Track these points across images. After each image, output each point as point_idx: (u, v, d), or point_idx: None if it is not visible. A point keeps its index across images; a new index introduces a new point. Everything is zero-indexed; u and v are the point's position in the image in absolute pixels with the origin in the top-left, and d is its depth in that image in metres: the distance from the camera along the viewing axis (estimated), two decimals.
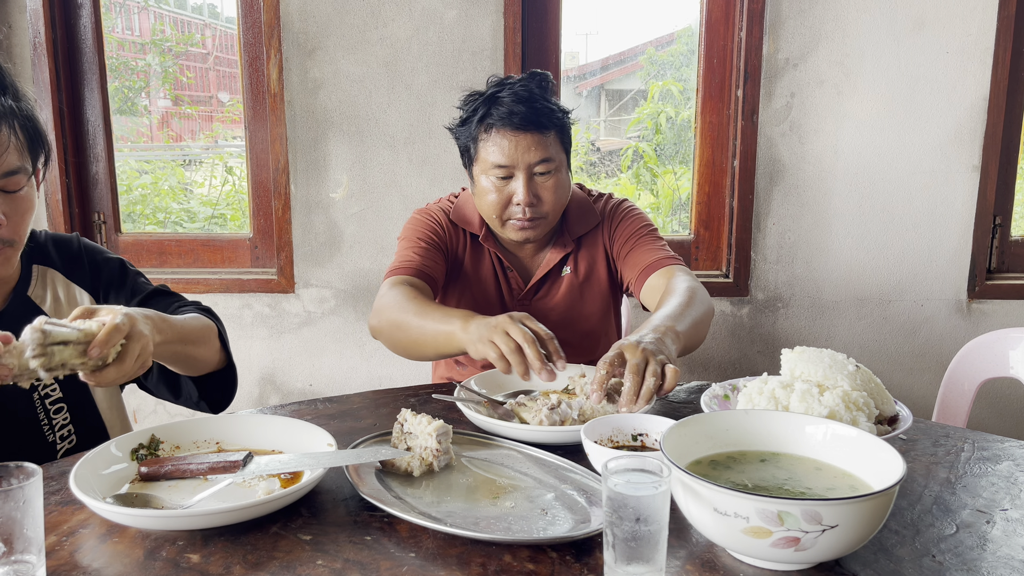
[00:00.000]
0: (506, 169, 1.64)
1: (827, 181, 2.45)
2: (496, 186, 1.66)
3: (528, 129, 1.62)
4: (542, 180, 1.66)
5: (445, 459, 1.13)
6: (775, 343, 2.54)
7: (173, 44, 2.76)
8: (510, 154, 1.63)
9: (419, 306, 1.53)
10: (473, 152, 1.69)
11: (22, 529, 0.83)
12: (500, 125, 1.63)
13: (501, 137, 1.63)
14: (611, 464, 0.86)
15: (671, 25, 2.76)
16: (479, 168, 1.69)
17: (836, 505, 0.82)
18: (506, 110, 1.62)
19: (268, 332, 2.54)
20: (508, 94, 1.63)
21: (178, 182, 2.98)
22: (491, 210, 1.69)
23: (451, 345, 1.45)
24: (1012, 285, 2.51)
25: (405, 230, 1.81)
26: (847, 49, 2.37)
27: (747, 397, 1.19)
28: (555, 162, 1.66)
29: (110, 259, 1.44)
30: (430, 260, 1.71)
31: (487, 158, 1.65)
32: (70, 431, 1.34)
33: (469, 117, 1.68)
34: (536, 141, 1.63)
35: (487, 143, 1.65)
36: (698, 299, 1.55)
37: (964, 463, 1.20)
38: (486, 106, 1.65)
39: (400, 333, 1.55)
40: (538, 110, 1.63)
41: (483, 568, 0.90)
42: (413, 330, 1.52)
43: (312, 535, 0.98)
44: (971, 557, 0.93)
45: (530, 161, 1.63)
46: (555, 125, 1.66)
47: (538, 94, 1.65)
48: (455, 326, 1.43)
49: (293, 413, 1.39)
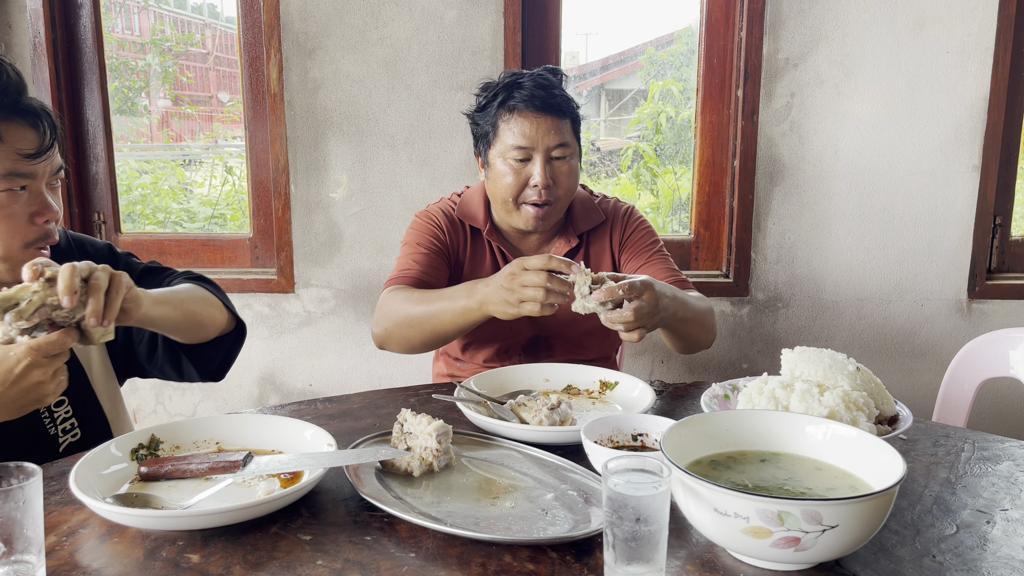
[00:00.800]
0: (525, 151, 1.69)
1: (827, 181, 2.45)
2: (513, 168, 1.70)
3: (549, 112, 1.69)
4: (558, 164, 1.71)
5: (445, 459, 1.13)
6: (775, 343, 2.54)
7: (173, 44, 2.76)
8: (530, 135, 1.68)
9: (421, 296, 1.60)
10: (492, 136, 1.73)
11: (22, 529, 0.83)
12: (523, 107, 1.69)
13: (523, 119, 1.69)
14: (611, 464, 0.86)
15: (671, 25, 2.76)
16: (497, 151, 1.72)
17: (836, 505, 0.82)
18: (528, 92, 1.69)
19: (268, 332, 2.54)
20: (528, 79, 1.71)
21: (178, 182, 2.98)
22: (507, 192, 1.72)
23: (473, 317, 1.52)
24: (1012, 285, 2.51)
25: (407, 235, 1.83)
26: (847, 49, 2.37)
27: (747, 397, 1.19)
28: (570, 148, 1.72)
29: (98, 245, 1.46)
30: (430, 267, 1.73)
31: (507, 140, 1.70)
32: (73, 424, 1.34)
33: (489, 102, 1.74)
34: (555, 125, 1.69)
35: (508, 124, 1.70)
36: (705, 317, 1.66)
37: (964, 463, 1.20)
38: (507, 90, 1.71)
39: (412, 329, 1.60)
40: (556, 96, 1.70)
41: (483, 568, 0.90)
42: (426, 320, 1.58)
43: (312, 535, 0.98)
44: (971, 557, 0.93)
45: (549, 144, 1.69)
46: (570, 114, 1.74)
47: (555, 82, 1.73)
48: (470, 300, 1.50)
49: (293, 413, 1.39)
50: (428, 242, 1.77)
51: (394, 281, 1.70)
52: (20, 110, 1.19)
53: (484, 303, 1.47)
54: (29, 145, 1.19)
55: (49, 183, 1.25)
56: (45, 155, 1.21)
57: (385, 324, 1.63)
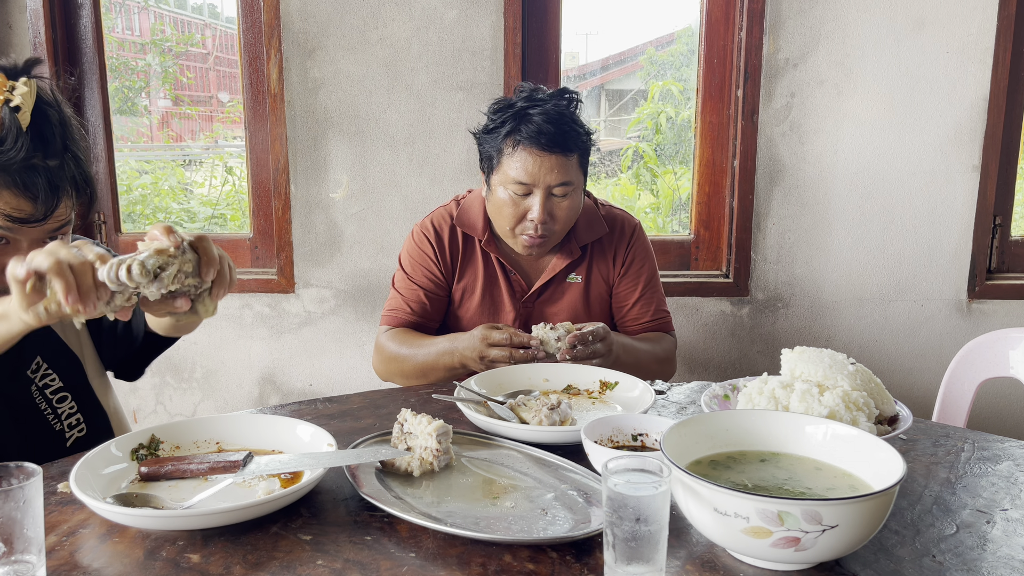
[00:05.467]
0: (526, 187, 1.67)
1: (827, 181, 2.45)
2: (513, 200, 1.69)
3: (554, 151, 1.64)
4: (558, 200, 1.69)
5: (445, 459, 1.13)
6: (775, 343, 2.54)
7: (173, 44, 2.76)
8: (532, 173, 1.65)
9: (411, 342, 1.75)
10: (496, 162, 1.71)
11: (22, 529, 0.83)
12: (527, 143, 1.65)
13: (527, 155, 1.65)
14: (611, 464, 0.86)
15: (671, 25, 2.76)
16: (499, 179, 1.70)
17: (836, 505, 0.82)
18: (535, 128, 1.64)
19: (268, 332, 2.54)
20: (539, 112, 1.65)
21: (178, 182, 2.98)
22: (504, 223, 1.72)
23: (456, 365, 1.66)
24: (1012, 285, 2.51)
25: (403, 255, 1.87)
26: (847, 49, 2.37)
27: (747, 397, 1.19)
28: (573, 184, 1.69)
29: None
30: (419, 305, 1.80)
31: (509, 172, 1.67)
32: (79, 419, 1.34)
33: (497, 128, 1.69)
34: (559, 163, 1.65)
35: (512, 158, 1.67)
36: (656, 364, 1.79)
37: (964, 463, 1.20)
38: (515, 121, 1.66)
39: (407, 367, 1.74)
40: (566, 132, 1.65)
41: (483, 568, 0.90)
42: (417, 363, 1.72)
43: (312, 535, 0.98)
44: (971, 557, 0.93)
45: (551, 182, 1.66)
46: (579, 148, 1.69)
47: (568, 115, 1.67)
48: (451, 356, 1.66)
49: (293, 413, 1.39)
50: (421, 274, 1.82)
51: (387, 320, 1.82)
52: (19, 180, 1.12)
53: (462, 359, 1.64)
54: (19, 212, 1.13)
55: (50, 237, 1.20)
56: (36, 224, 1.15)
57: (386, 366, 1.78)
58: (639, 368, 1.63)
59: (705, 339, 2.56)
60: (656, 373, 1.74)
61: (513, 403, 1.35)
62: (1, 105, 1.11)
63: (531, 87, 1.73)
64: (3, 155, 1.11)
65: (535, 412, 1.29)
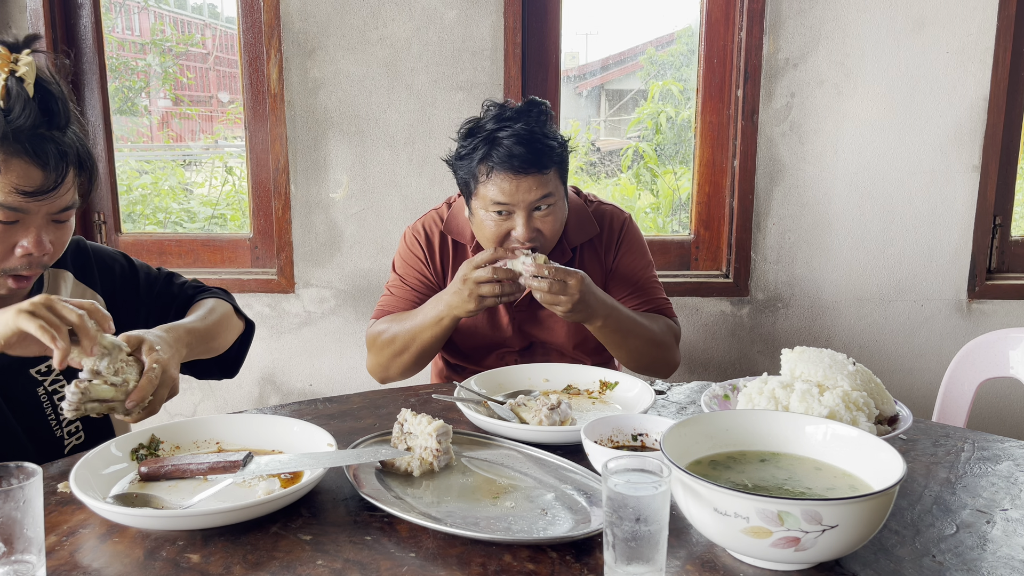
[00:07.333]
0: (506, 207, 1.63)
1: (827, 181, 2.45)
2: (495, 220, 1.65)
3: (529, 172, 1.60)
4: (541, 215, 1.66)
5: (445, 459, 1.13)
6: (775, 343, 2.54)
7: (173, 44, 2.76)
8: (510, 194, 1.62)
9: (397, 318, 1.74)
10: (472, 186, 1.67)
11: (22, 529, 0.83)
12: (500, 168, 1.61)
13: (501, 179, 1.61)
14: (611, 464, 0.86)
15: (671, 25, 2.76)
16: (479, 203, 1.67)
17: (836, 505, 0.82)
18: (506, 152, 1.59)
19: (268, 332, 2.54)
20: (508, 135, 1.60)
21: (178, 182, 2.98)
22: (489, 242, 1.69)
23: (445, 324, 1.65)
24: (1012, 285, 2.51)
25: (396, 258, 1.87)
26: (847, 49, 2.37)
27: (747, 397, 1.19)
28: (555, 196, 1.66)
29: (114, 256, 1.47)
30: (411, 306, 1.78)
31: (487, 195, 1.64)
32: (78, 427, 1.34)
33: (469, 154, 1.65)
34: (536, 182, 1.62)
35: (487, 183, 1.63)
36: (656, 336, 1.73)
37: (964, 463, 1.20)
38: (486, 146, 1.62)
39: (398, 346, 1.71)
40: (539, 151, 1.60)
41: (483, 568, 0.90)
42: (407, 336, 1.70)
43: (312, 535, 0.98)
44: (971, 557, 0.93)
45: (531, 200, 1.63)
46: (555, 162, 1.65)
47: (539, 133, 1.62)
48: (437, 309, 1.64)
49: (293, 413, 1.39)
50: (412, 276, 1.82)
51: (375, 316, 1.82)
52: (30, 147, 1.13)
53: (450, 308, 1.62)
54: (29, 183, 1.14)
55: (55, 219, 1.21)
56: (45, 196, 1.16)
57: (379, 354, 1.76)
58: (629, 337, 1.63)
59: (705, 339, 2.56)
60: (654, 357, 1.71)
61: (513, 403, 1.35)
62: (7, 76, 1.13)
63: (498, 104, 1.68)
64: (12, 123, 1.13)
65: (535, 412, 1.29)
